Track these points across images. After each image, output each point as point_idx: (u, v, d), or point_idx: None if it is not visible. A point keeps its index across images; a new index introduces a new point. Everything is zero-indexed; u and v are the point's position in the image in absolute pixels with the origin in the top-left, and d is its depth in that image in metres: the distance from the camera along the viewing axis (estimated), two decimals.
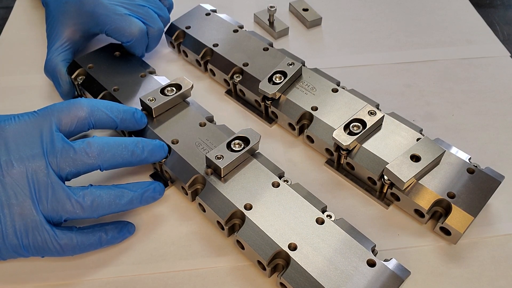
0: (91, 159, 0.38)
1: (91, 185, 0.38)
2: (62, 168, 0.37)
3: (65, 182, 0.38)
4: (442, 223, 0.39)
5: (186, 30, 0.56)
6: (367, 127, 0.42)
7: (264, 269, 0.37)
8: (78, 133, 0.41)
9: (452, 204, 0.39)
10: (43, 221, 0.36)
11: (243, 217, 0.39)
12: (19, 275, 0.39)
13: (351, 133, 0.42)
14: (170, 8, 0.58)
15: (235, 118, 0.51)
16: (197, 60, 0.55)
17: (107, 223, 0.40)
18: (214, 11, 0.58)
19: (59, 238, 0.36)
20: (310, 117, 0.46)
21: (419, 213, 0.41)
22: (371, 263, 0.35)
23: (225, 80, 0.53)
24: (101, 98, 0.48)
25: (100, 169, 0.39)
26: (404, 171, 0.39)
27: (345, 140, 0.42)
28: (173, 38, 0.56)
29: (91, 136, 0.39)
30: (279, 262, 0.37)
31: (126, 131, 0.46)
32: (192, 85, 0.47)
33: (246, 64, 0.51)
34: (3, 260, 0.37)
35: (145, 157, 0.41)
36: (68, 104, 0.40)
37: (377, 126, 0.44)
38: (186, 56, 0.57)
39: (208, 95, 0.54)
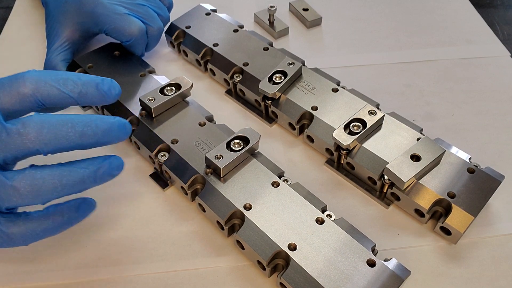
0: (27, 142, 0.32)
1: (33, 165, 0.33)
2: None
3: (7, 168, 0.34)
4: (442, 223, 0.39)
5: (186, 30, 0.56)
6: (367, 127, 0.42)
7: (264, 269, 0.37)
8: (26, 113, 0.35)
9: (452, 204, 0.39)
10: None
11: (242, 217, 0.39)
12: (18, 275, 0.39)
13: (351, 133, 0.42)
14: (170, 8, 0.58)
15: (235, 118, 0.51)
16: (197, 60, 0.55)
17: (61, 203, 0.35)
18: (214, 10, 0.58)
19: (3, 227, 0.33)
20: (310, 117, 0.46)
21: (419, 213, 0.40)
22: (371, 263, 0.35)
23: (225, 80, 0.53)
24: None
25: (42, 154, 0.33)
26: (404, 171, 0.39)
27: (345, 139, 0.42)
28: (173, 37, 0.56)
29: (33, 114, 0.34)
30: (279, 262, 0.37)
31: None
32: (192, 84, 0.47)
33: (246, 64, 0.51)
34: None
35: (98, 139, 0.34)
36: (10, 79, 0.34)
37: (377, 126, 0.44)
38: (186, 55, 0.57)
39: (208, 95, 0.54)
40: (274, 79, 0.48)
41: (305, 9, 0.63)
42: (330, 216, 0.39)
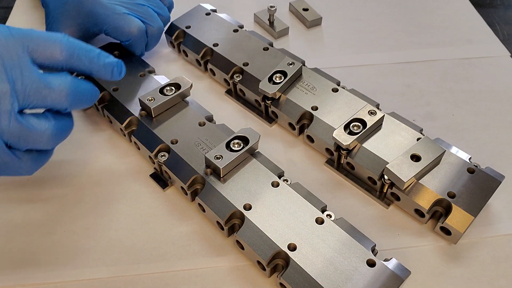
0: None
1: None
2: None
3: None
4: (442, 223, 0.39)
5: (186, 30, 0.56)
6: (367, 126, 0.42)
7: (264, 269, 0.37)
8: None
9: (452, 204, 0.39)
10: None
11: (242, 217, 0.39)
12: (18, 274, 0.39)
13: (351, 133, 0.42)
14: (170, 7, 0.58)
15: (235, 118, 0.51)
16: (197, 60, 0.55)
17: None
18: (214, 10, 0.58)
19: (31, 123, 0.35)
20: (310, 117, 0.46)
21: (419, 212, 0.40)
22: (371, 263, 0.35)
23: (225, 80, 0.53)
24: (100, 98, 0.48)
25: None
26: (404, 171, 0.39)
27: (345, 139, 0.42)
28: (173, 37, 0.56)
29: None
30: (278, 262, 0.37)
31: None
32: (191, 84, 0.47)
33: (246, 64, 0.51)
34: None
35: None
36: (46, 40, 0.37)
37: (377, 126, 0.44)
38: (186, 55, 0.57)
39: (208, 95, 0.54)
40: (274, 79, 0.48)
41: (305, 9, 0.63)
42: (330, 216, 0.39)
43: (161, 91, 0.46)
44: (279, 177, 0.41)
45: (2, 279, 0.39)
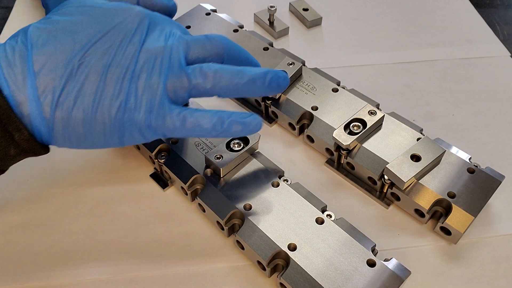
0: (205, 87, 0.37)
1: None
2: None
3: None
4: (442, 223, 0.39)
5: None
6: (367, 126, 0.42)
7: (264, 269, 0.37)
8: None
9: (453, 204, 0.39)
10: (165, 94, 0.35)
11: (242, 217, 0.39)
12: (19, 275, 0.39)
13: (351, 133, 0.42)
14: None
15: None
16: None
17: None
18: (214, 10, 0.58)
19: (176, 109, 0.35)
20: (310, 117, 0.46)
21: (419, 212, 0.40)
22: (371, 263, 0.35)
23: None
24: None
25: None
26: (405, 171, 0.39)
27: (345, 139, 0.42)
28: None
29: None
30: (278, 262, 0.37)
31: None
32: None
33: None
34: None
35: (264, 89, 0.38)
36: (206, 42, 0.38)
37: (377, 126, 0.44)
38: None
39: None
40: None
41: (305, 9, 0.63)
42: (330, 216, 0.39)
43: None
44: (279, 177, 0.41)
45: (2, 279, 0.39)
